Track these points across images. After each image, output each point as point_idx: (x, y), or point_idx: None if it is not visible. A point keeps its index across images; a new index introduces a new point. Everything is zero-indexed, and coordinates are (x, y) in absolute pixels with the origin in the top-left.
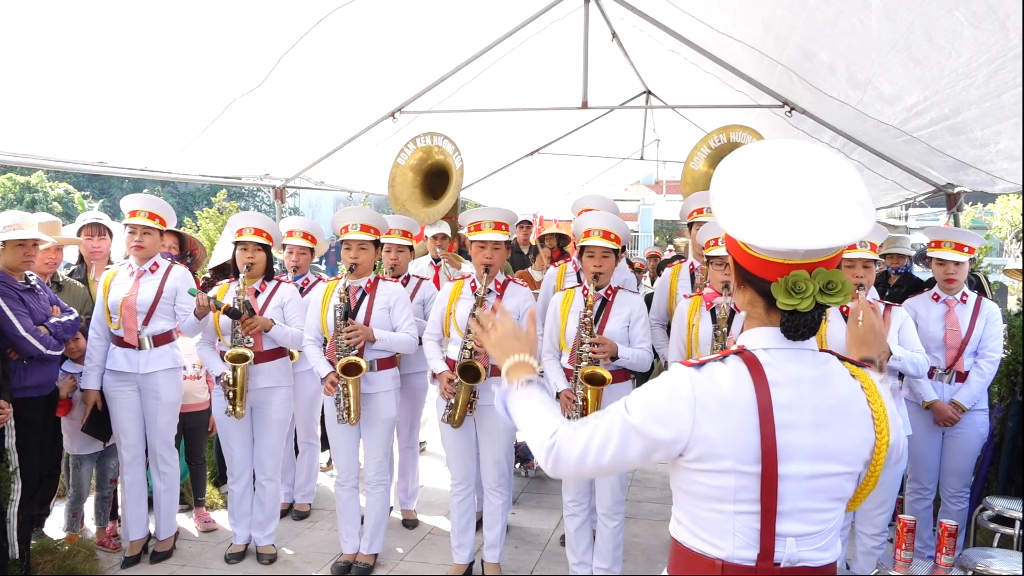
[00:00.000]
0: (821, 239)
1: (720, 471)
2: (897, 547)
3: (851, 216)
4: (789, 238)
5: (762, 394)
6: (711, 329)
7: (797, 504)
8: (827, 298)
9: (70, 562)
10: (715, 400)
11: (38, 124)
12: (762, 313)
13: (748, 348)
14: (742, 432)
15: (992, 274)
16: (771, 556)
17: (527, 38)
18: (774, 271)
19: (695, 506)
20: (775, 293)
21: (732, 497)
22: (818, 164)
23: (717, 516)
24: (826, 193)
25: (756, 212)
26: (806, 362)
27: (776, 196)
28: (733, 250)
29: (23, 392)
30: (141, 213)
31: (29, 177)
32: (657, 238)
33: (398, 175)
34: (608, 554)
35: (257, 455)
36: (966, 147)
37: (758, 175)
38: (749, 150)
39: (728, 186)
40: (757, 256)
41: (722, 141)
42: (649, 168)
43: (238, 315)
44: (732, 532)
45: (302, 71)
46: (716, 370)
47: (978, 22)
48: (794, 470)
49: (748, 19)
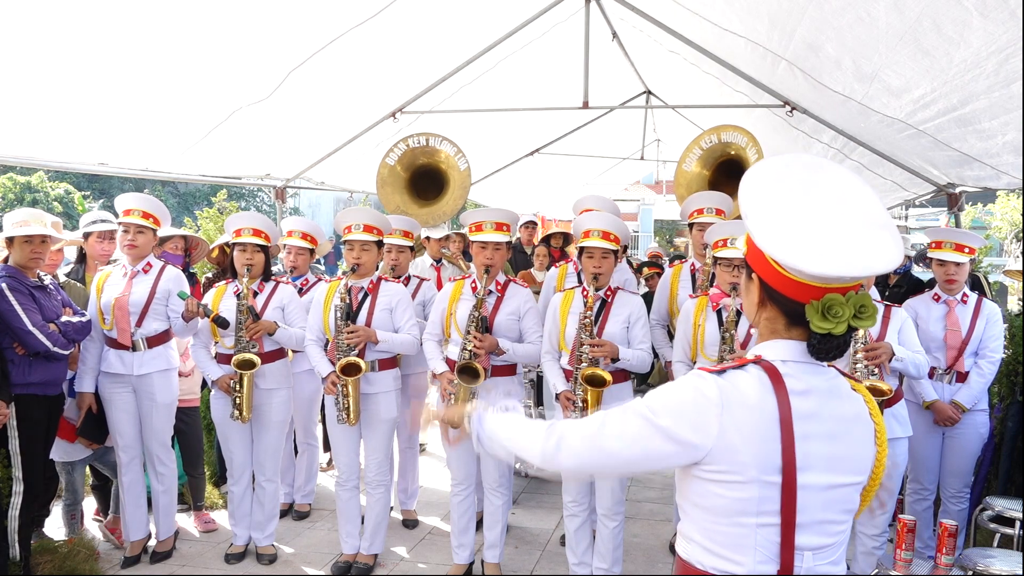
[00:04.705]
0: (867, 267)
1: (743, 482)
2: (897, 547)
3: (887, 242)
4: (839, 266)
5: (783, 404)
6: (717, 330)
7: (815, 515)
8: (859, 321)
9: (70, 562)
10: (741, 407)
11: (41, 125)
12: (782, 329)
13: (766, 359)
14: (765, 441)
15: (992, 274)
16: (791, 570)
17: (528, 39)
18: (808, 294)
19: (712, 521)
20: (810, 316)
21: (755, 509)
22: (845, 186)
23: (738, 531)
24: (861, 217)
25: (799, 235)
26: (821, 375)
27: (816, 219)
28: (761, 269)
29: (26, 388)
30: (135, 212)
31: (30, 177)
32: (657, 238)
33: (387, 175)
34: (608, 554)
35: (257, 456)
36: (973, 139)
37: (792, 194)
38: (775, 166)
39: (763, 204)
40: (792, 278)
41: (713, 142)
42: (649, 168)
43: (226, 324)
44: (753, 547)
45: (307, 79)
46: (739, 378)
47: (988, 11)
48: (812, 480)
49: (754, 14)
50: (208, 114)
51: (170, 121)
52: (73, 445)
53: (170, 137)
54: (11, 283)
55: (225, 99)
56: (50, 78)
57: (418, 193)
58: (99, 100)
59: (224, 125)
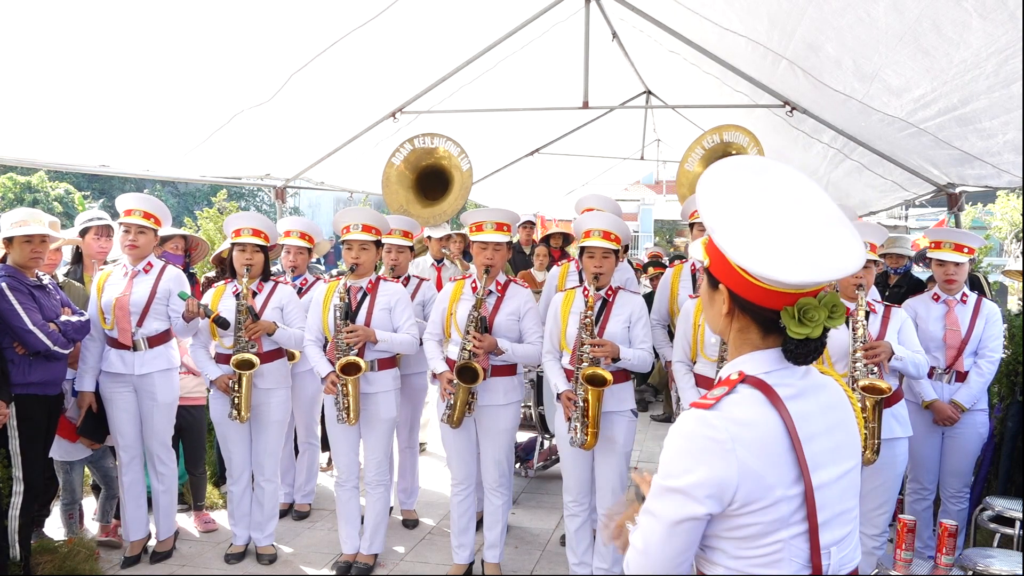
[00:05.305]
0: (840, 268)
1: (773, 503)
2: (897, 547)
3: (849, 239)
4: (813, 272)
5: (784, 415)
6: None
7: (834, 509)
8: (832, 321)
9: (70, 562)
10: (748, 432)
11: (44, 127)
12: (757, 339)
13: (750, 374)
14: (780, 457)
15: (992, 274)
16: (820, 571)
17: (528, 39)
18: (781, 300)
19: (744, 547)
20: (786, 323)
21: (786, 523)
22: (796, 185)
23: (772, 548)
24: (820, 216)
25: (768, 244)
26: (798, 374)
27: (780, 224)
28: (729, 279)
29: (26, 388)
30: (136, 212)
31: (30, 177)
32: (657, 238)
33: (392, 175)
34: (608, 554)
35: (255, 456)
36: (974, 138)
37: (748, 200)
38: (724, 173)
39: (724, 214)
40: (762, 286)
41: (715, 141)
42: (649, 168)
43: (227, 324)
44: (789, 559)
45: (308, 81)
46: (736, 405)
47: (987, 13)
48: (825, 477)
49: (754, 14)
50: (210, 117)
51: (172, 124)
52: (74, 445)
53: (172, 140)
54: (11, 282)
55: (227, 102)
56: (53, 80)
57: (424, 193)
58: (102, 102)
59: (226, 128)
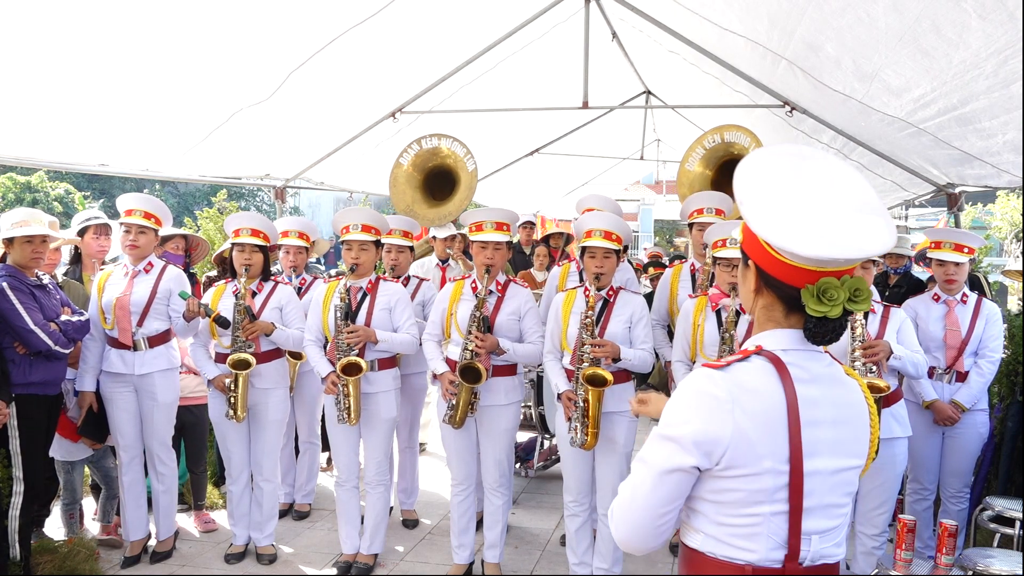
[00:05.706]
0: (860, 249)
1: (759, 473)
2: (897, 547)
3: (880, 226)
4: (832, 248)
5: (789, 391)
6: (716, 330)
7: (822, 500)
8: (854, 305)
9: (70, 562)
10: (750, 398)
11: (43, 126)
12: (780, 317)
13: (767, 349)
14: (776, 430)
15: (992, 274)
16: (797, 556)
17: (528, 39)
18: (803, 278)
19: (725, 514)
20: (805, 300)
21: (770, 498)
22: (838, 173)
23: (752, 520)
24: (854, 203)
25: (794, 219)
26: (820, 362)
27: (810, 204)
28: (756, 255)
29: (27, 388)
30: (136, 212)
31: (30, 177)
32: (657, 238)
33: (400, 176)
34: (608, 554)
35: (254, 456)
36: (973, 138)
37: (785, 181)
38: (767, 155)
39: (757, 191)
40: (787, 262)
41: (716, 141)
42: (649, 168)
43: (227, 324)
44: (766, 534)
45: (307, 79)
46: (745, 370)
47: (986, 13)
48: (820, 466)
49: (753, 14)
50: (209, 116)
51: (171, 123)
52: (75, 445)
53: (171, 139)
54: (12, 282)
55: (226, 101)
56: (52, 79)
57: (430, 194)
58: (100, 102)
59: (224, 127)
